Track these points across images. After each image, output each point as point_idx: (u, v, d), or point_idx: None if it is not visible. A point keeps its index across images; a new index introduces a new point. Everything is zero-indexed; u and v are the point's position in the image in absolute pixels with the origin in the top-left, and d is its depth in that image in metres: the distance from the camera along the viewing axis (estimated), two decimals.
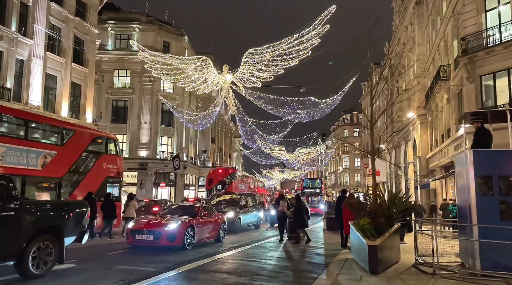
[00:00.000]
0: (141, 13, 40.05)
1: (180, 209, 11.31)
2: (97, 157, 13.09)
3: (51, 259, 6.08)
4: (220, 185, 28.70)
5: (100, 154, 13.34)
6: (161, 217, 10.23)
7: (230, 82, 19.73)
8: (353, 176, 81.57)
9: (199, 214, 10.66)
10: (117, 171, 13.74)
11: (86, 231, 7.08)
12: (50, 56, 24.06)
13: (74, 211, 6.71)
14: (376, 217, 8.29)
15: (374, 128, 37.90)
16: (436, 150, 24.16)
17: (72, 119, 25.25)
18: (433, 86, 21.87)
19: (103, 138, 13.69)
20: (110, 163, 13.54)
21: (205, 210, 11.26)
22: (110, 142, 14.00)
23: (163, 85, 40.03)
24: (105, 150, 13.58)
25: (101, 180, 13.09)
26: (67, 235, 6.39)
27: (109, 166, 13.43)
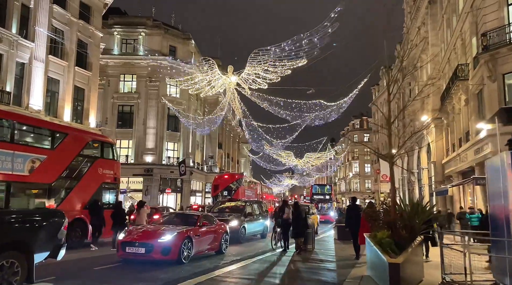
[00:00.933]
0: (147, 17, 39.63)
1: (178, 218, 10.39)
2: (92, 162, 12.28)
3: (16, 279, 5.20)
4: (226, 191, 27.76)
5: (95, 159, 12.53)
6: (156, 227, 9.31)
7: (235, 84, 18.89)
8: (364, 182, 79.96)
9: (198, 223, 9.72)
10: (113, 177, 12.90)
11: (63, 245, 6.18)
12: (53, 60, 23.54)
13: (47, 222, 5.84)
14: (397, 229, 7.24)
15: (384, 132, 36.09)
16: (453, 154, 22.93)
17: (74, 124, 24.65)
18: (449, 87, 20.73)
19: (99, 142, 12.87)
20: (107, 168, 12.71)
21: (205, 219, 10.32)
22: (107, 146, 13.19)
23: (169, 90, 39.42)
24: (101, 154, 12.76)
25: (96, 186, 12.25)
26: (37, 250, 5.51)
27: (105, 171, 12.61)
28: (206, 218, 10.49)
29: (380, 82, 60.00)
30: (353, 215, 10.49)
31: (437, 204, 26.28)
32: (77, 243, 11.48)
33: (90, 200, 11.95)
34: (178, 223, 9.73)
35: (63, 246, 6.14)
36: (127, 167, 36.63)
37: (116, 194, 13.13)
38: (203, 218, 10.23)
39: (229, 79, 18.55)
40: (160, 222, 10.19)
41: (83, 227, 11.75)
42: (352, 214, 10.61)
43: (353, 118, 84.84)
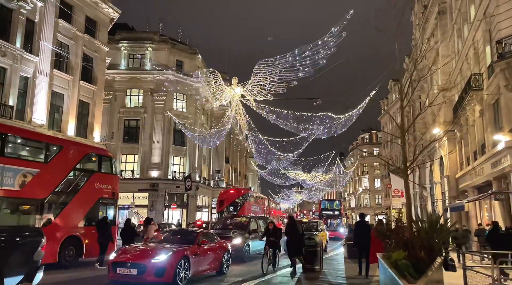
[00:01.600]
0: (154, 33, 39.79)
1: (175, 235, 9.71)
2: (88, 176, 11.74)
3: None
4: (232, 206, 27.00)
5: (92, 173, 11.99)
6: (150, 246, 8.65)
7: (240, 95, 18.39)
8: (374, 197, 78.33)
9: (197, 241, 9.02)
10: (112, 192, 12.32)
11: (40, 268, 5.56)
12: (57, 74, 23.41)
13: (21, 242, 5.24)
14: (414, 250, 6.47)
15: (394, 147, 36.09)
16: (467, 168, 21.98)
17: (79, 138, 24.34)
18: (462, 98, 19.97)
19: (97, 155, 12.35)
20: (104, 183, 12.16)
21: (205, 237, 9.62)
22: (105, 159, 12.66)
23: (175, 104, 39.21)
24: (98, 168, 12.23)
25: (93, 201, 11.68)
26: (8, 274, 4.90)
27: (102, 186, 12.05)
28: (206, 236, 9.80)
29: (389, 96, 59.27)
30: (361, 232, 10.09)
31: (452, 220, 25.21)
32: (71, 262, 10.85)
33: (86, 216, 11.37)
34: (176, 241, 9.06)
35: (40, 269, 5.51)
36: (132, 182, 36.23)
37: (114, 210, 12.53)
38: (203, 236, 9.53)
39: (233, 91, 18.07)
40: (157, 240, 9.51)
41: (77, 245, 11.15)
42: (360, 231, 10.18)
43: (362, 133, 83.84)
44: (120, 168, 37.08)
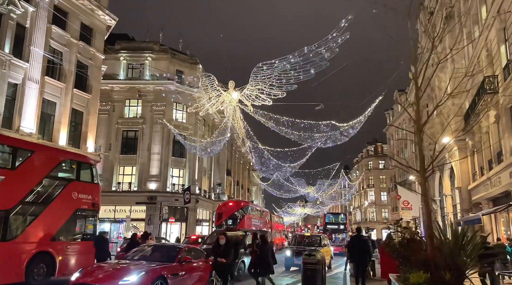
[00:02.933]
0: (154, 42, 39.21)
1: (154, 251, 8.45)
2: (64, 185, 10.56)
3: None
4: (231, 219, 25.60)
5: (69, 181, 10.81)
6: (121, 265, 7.40)
7: (237, 100, 17.32)
8: (380, 211, 76.29)
9: (178, 258, 7.76)
10: (91, 202, 11.12)
11: None
12: (49, 81, 22.54)
13: None
14: (437, 270, 5.18)
15: (401, 159, 34.33)
16: (481, 178, 20.59)
17: (71, 148, 23.29)
18: (475, 103, 18.74)
19: (75, 162, 11.20)
20: (83, 192, 10.97)
21: (189, 253, 8.36)
22: (85, 167, 11.50)
23: (175, 114, 38.29)
24: (76, 176, 11.06)
25: (69, 213, 10.46)
26: None
27: (81, 195, 10.86)
28: (191, 252, 8.53)
29: (394, 107, 58.08)
30: (354, 247, 9.96)
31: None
32: (41, 281, 9.60)
33: (61, 229, 10.17)
34: (154, 258, 7.83)
35: None
36: (130, 194, 35.05)
37: (94, 222, 11.31)
38: (186, 252, 8.27)
39: (230, 96, 17.01)
40: (132, 257, 8.25)
41: (49, 262, 9.91)
42: (354, 246, 10.04)
43: (367, 145, 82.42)
44: (117, 180, 36.03)
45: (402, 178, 53.89)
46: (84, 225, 11.13)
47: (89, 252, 10.59)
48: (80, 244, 10.22)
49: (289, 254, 16.14)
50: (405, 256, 5.99)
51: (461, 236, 5.65)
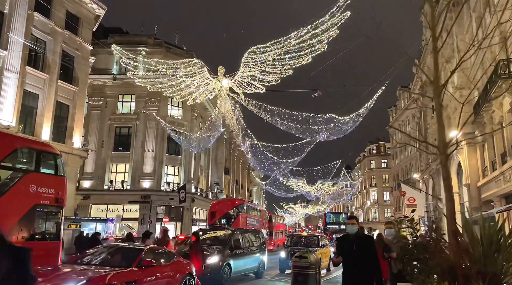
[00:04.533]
0: (148, 36, 37.85)
1: (111, 253, 7.03)
2: (19, 176, 9.18)
3: None
4: (225, 219, 24.30)
5: (25, 172, 9.40)
6: (60, 271, 6.01)
7: (228, 88, 15.94)
8: (383, 211, 74.69)
9: (137, 262, 6.36)
10: (55, 197, 9.72)
11: None
12: (31, 71, 21.21)
13: None
14: (467, 280, 3.74)
15: (404, 157, 32.40)
16: (493, 174, 19.10)
17: (55, 143, 21.94)
18: (486, 93, 17.28)
19: (34, 150, 9.75)
20: (44, 186, 9.56)
21: (153, 255, 6.96)
22: (46, 156, 10.08)
23: (170, 110, 36.96)
24: (35, 167, 9.63)
25: (25, 209, 9.04)
26: None
27: (40, 189, 9.46)
28: (155, 254, 7.14)
29: (397, 103, 56.56)
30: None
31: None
32: None
33: (15, 228, 8.77)
34: (108, 262, 6.44)
35: None
36: (123, 193, 33.72)
37: (58, 220, 9.92)
38: (149, 254, 6.87)
39: (219, 84, 15.62)
40: (83, 261, 6.84)
41: None
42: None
43: (369, 144, 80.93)
44: (110, 178, 34.70)
45: (405, 176, 52.44)
46: (45, 223, 9.76)
47: (51, 255, 9.21)
48: (39, 245, 8.83)
49: (283, 256, 14.72)
50: (420, 259, 4.56)
51: (496, 237, 4.20)
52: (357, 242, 4.86)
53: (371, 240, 5.17)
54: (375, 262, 4.64)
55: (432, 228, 4.77)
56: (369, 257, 4.71)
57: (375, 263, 4.64)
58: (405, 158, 54.35)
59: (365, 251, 4.74)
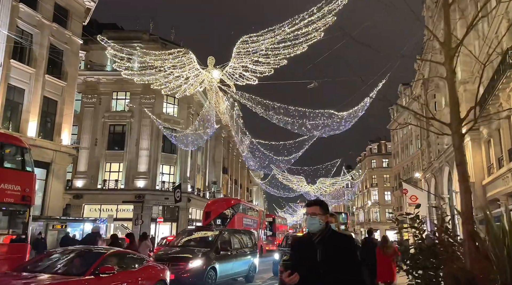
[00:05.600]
0: (143, 32, 36.96)
1: (68, 258, 6.08)
2: None
3: None
4: (220, 219, 23.43)
5: None
6: (4, 278, 5.11)
7: (218, 80, 15.03)
8: (384, 211, 73.66)
9: (93, 268, 5.45)
10: (21, 195, 8.82)
11: None
12: (16, 65, 20.35)
13: None
14: None
15: (405, 156, 31.30)
16: (499, 171, 18.20)
17: (40, 140, 21.11)
18: (493, 83, 16.34)
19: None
20: (8, 182, 8.63)
21: (115, 260, 6.04)
22: (11, 150, 9.15)
23: (165, 108, 36.07)
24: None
25: None
26: None
27: (4, 185, 8.56)
28: (121, 259, 6.22)
29: (398, 101, 55.56)
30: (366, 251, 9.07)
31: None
32: None
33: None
34: (60, 268, 5.52)
35: None
36: (116, 193, 32.81)
37: (25, 220, 9.01)
38: (109, 259, 5.95)
39: (210, 75, 14.71)
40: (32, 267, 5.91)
41: None
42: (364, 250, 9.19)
43: (370, 143, 79.98)
44: (103, 177, 33.80)
45: (406, 176, 51.50)
46: (9, 223, 8.86)
47: (17, 259, 8.31)
48: (1, 248, 7.94)
49: (277, 258, 13.80)
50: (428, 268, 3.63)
51: None
52: (325, 248, 2.90)
53: (350, 243, 3.01)
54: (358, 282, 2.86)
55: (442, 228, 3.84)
56: (346, 273, 2.81)
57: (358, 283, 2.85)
58: (407, 157, 53.41)
59: (339, 264, 2.80)
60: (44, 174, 21.69)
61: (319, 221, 3.03)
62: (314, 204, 3.19)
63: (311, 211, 3.11)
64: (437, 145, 31.73)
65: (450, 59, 4.04)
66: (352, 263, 2.90)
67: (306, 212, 3.24)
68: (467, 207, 3.48)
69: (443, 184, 30.75)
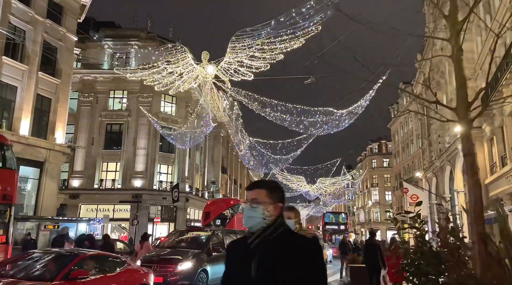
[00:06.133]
0: (141, 30, 36.54)
1: (40, 261, 5.60)
2: None
3: None
4: (219, 219, 22.99)
5: None
6: None
7: (213, 76, 14.58)
8: (384, 211, 73.20)
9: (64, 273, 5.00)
10: (1, 194, 8.38)
11: None
12: (8, 62, 19.95)
13: None
14: None
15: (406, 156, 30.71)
16: (503, 170, 17.76)
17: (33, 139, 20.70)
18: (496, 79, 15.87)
19: None
20: None
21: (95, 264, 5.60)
22: None
23: (163, 107, 35.66)
24: None
25: None
26: None
27: None
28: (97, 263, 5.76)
29: (399, 100, 55.10)
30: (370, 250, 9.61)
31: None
32: None
33: None
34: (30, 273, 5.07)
35: None
36: (113, 192, 32.39)
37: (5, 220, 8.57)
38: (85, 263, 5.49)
39: (204, 71, 14.27)
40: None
41: None
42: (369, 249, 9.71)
43: (371, 143, 79.50)
44: (100, 177, 33.38)
45: (407, 175, 51.02)
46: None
47: None
48: None
49: None
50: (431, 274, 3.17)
51: None
52: (266, 256, 1.90)
53: (310, 248, 1.94)
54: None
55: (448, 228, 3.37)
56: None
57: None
58: (407, 156, 52.94)
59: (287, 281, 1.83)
60: (37, 173, 21.31)
61: (262, 212, 1.95)
62: (256, 186, 2.06)
63: (252, 196, 2.01)
64: (438, 143, 31.27)
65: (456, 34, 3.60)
66: (311, 280, 1.86)
67: (246, 197, 2.10)
68: (477, 203, 3.02)
69: (444, 184, 30.30)
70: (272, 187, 2.06)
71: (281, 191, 2.09)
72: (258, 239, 1.94)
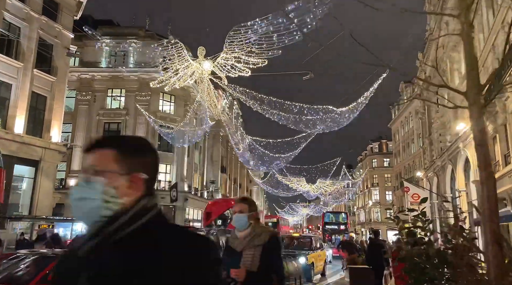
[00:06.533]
0: (139, 28, 36.29)
1: (21, 263, 5.22)
2: None
3: None
4: (220, 219, 22.71)
5: None
6: None
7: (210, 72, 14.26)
8: (385, 211, 72.80)
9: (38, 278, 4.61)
10: None
11: None
12: (2, 59, 19.66)
13: None
14: None
15: (407, 155, 30.39)
16: (506, 168, 17.40)
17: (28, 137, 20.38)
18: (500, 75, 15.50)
19: None
20: None
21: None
22: None
23: (162, 105, 35.38)
24: None
25: None
26: None
27: None
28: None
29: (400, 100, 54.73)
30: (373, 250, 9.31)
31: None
32: None
33: None
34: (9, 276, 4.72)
35: None
36: None
37: None
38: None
39: (200, 67, 13.94)
40: None
41: None
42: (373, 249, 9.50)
43: (371, 142, 79.17)
44: None
45: (408, 175, 50.65)
46: None
47: None
48: None
49: None
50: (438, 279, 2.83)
51: None
52: (108, 269, 1.02)
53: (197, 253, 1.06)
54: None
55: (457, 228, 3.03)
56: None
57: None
58: (408, 156, 52.60)
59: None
60: (32, 172, 21.00)
61: (102, 190, 1.11)
62: (98, 145, 1.21)
63: (88, 162, 1.22)
64: (440, 143, 30.92)
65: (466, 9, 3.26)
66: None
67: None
68: (491, 199, 2.68)
69: (445, 183, 29.96)
70: (127, 146, 1.18)
71: (150, 152, 1.22)
72: (93, 240, 1.07)
